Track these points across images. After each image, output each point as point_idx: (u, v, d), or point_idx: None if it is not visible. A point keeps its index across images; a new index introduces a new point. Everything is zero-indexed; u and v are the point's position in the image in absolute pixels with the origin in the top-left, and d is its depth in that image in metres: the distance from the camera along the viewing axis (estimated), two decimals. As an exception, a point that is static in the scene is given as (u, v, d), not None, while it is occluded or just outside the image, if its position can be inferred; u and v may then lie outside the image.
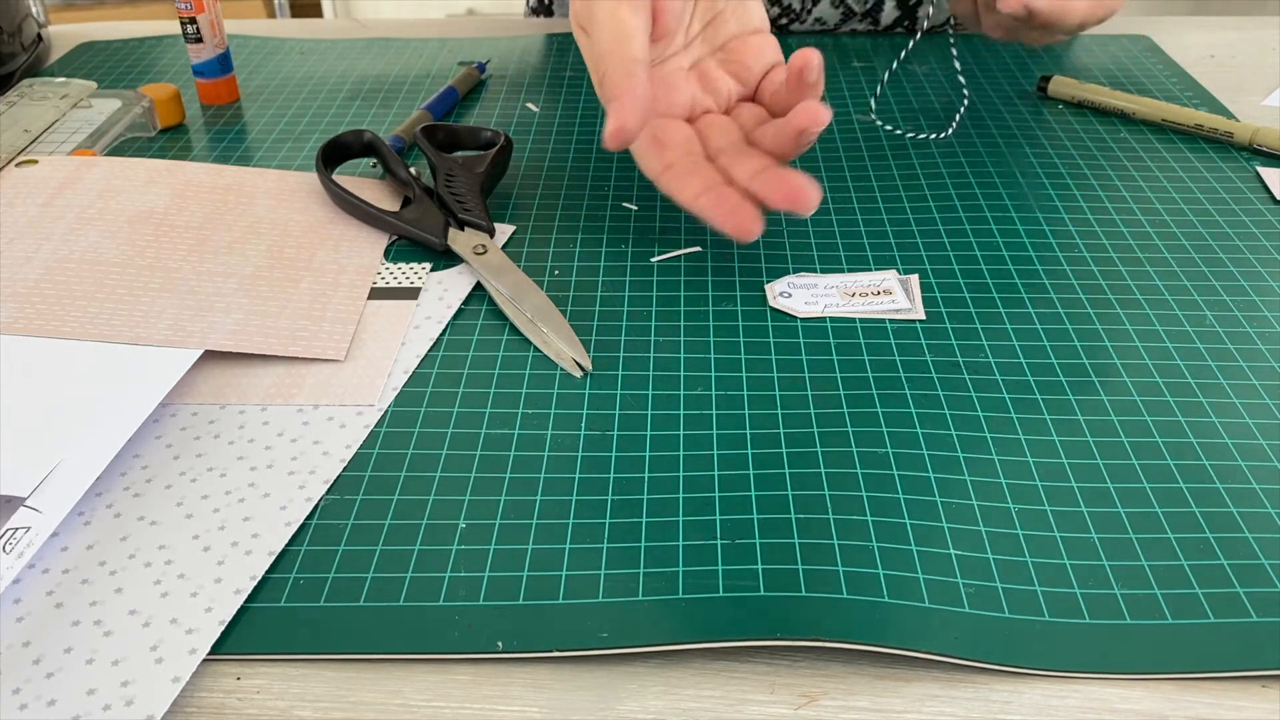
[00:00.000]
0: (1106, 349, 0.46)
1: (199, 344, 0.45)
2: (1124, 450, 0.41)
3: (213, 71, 0.69)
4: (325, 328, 0.47)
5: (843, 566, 0.35)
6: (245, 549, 0.37)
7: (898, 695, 0.32)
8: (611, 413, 0.43)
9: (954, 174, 0.60)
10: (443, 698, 0.32)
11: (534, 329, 0.47)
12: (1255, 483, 0.39)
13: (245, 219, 0.55)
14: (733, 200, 0.47)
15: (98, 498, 0.39)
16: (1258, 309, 0.49)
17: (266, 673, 0.33)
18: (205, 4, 0.67)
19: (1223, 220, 0.55)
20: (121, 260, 0.51)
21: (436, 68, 0.75)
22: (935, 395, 0.43)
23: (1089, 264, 0.52)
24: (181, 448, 0.41)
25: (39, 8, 0.79)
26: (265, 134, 0.65)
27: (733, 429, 0.42)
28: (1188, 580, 0.35)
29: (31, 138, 0.62)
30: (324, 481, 0.40)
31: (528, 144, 0.64)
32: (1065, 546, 0.36)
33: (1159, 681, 0.33)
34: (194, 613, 0.34)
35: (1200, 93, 0.70)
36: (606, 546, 0.37)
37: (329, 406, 0.43)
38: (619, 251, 0.53)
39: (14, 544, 0.35)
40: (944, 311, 0.48)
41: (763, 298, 0.49)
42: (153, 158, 0.61)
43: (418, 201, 0.55)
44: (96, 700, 0.32)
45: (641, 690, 0.33)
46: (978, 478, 0.39)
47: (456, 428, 0.42)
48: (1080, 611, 0.34)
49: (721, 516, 0.38)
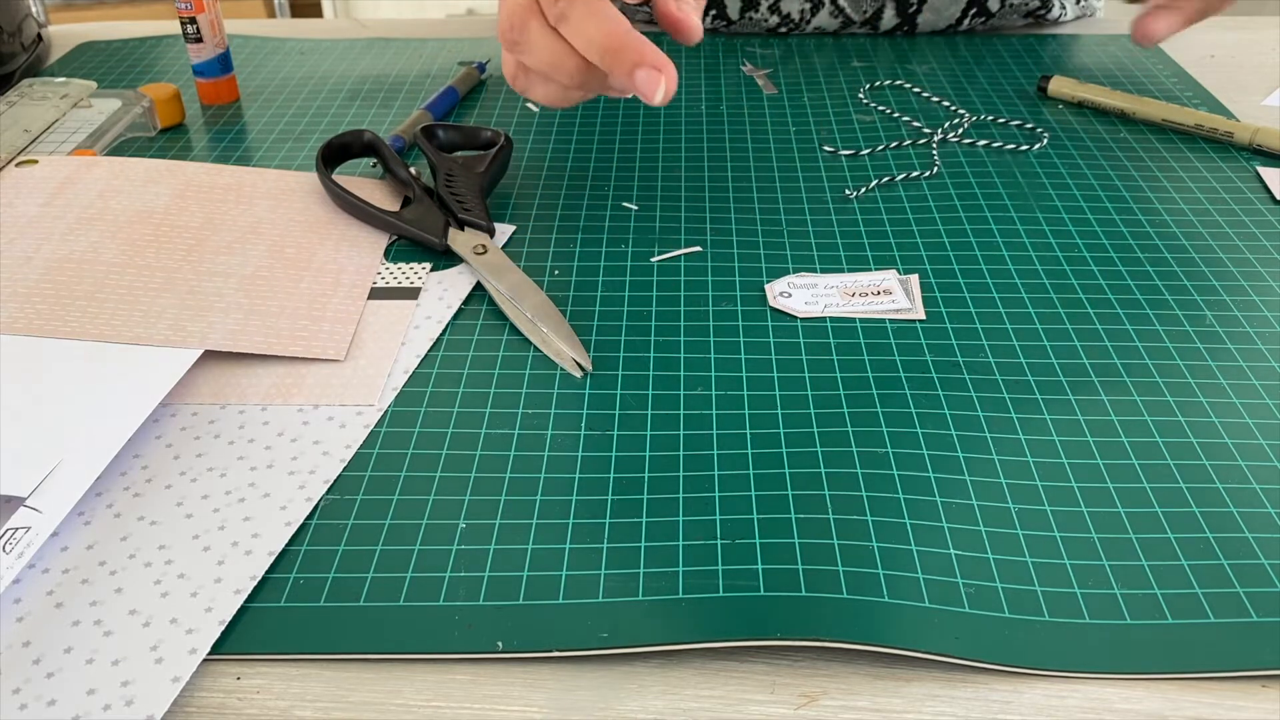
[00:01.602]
0: (1106, 349, 0.46)
1: (199, 344, 0.45)
2: (1124, 450, 0.41)
3: (213, 71, 0.69)
4: (325, 328, 0.47)
5: (843, 566, 0.35)
6: (245, 549, 0.37)
7: (898, 695, 0.32)
8: (611, 413, 0.43)
9: (954, 174, 0.60)
10: (443, 698, 0.32)
11: (534, 329, 0.47)
12: (1255, 483, 0.39)
13: (245, 219, 0.55)
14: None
15: (98, 498, 0.39)
16: (1258, 309, 0.49)
17: (266, 673, 0.33)
18: (205, 4, 0.67)
19: (1223, 220, 0.55)
20: (121, 260, 0.51)
21: (436, 68, 0.75)
22: (935, 395, 0.43)
23: (1089, 264, 0.52)
24: (181, 448, 0.41)
25: (39, 8, 0.79)
26: (265, 134, 0.65)
27: (733, 429, 0.42)
28: (1188, 580, 0.35)
29: (31, 138, 0.62)
30: (324, 481, 0.40)
31: (528, 144, 0.64)
32: (1065, 546, 0.36)
33: (1159, 681, 0.33)
34: (194, 613, 0.34)
35: (1200, 93, 0.70)
36: (606, 546, 0.37)
37: (329, 406, 0.43)
38: (619, 251, 0.53)
39: (14, 544, 0.35)
40: (944, 311, 0.48)
41: (763, 298, 0.49)
42: (153, 158, 0.61)
43: (418, 201, 0.55)
44: (96, 700, 0.32)
45: (641, 690, 0.33)
46: (978, 478, 0.39)
47: (456, 428, 0.42)
48: (1080, 611, 0.34)
49: (721, 516, 0.38)
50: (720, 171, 0.60)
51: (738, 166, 0.61)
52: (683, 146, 0.63)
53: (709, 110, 0.68)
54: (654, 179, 0.60)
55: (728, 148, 0.63)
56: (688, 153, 0.63)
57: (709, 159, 0.62)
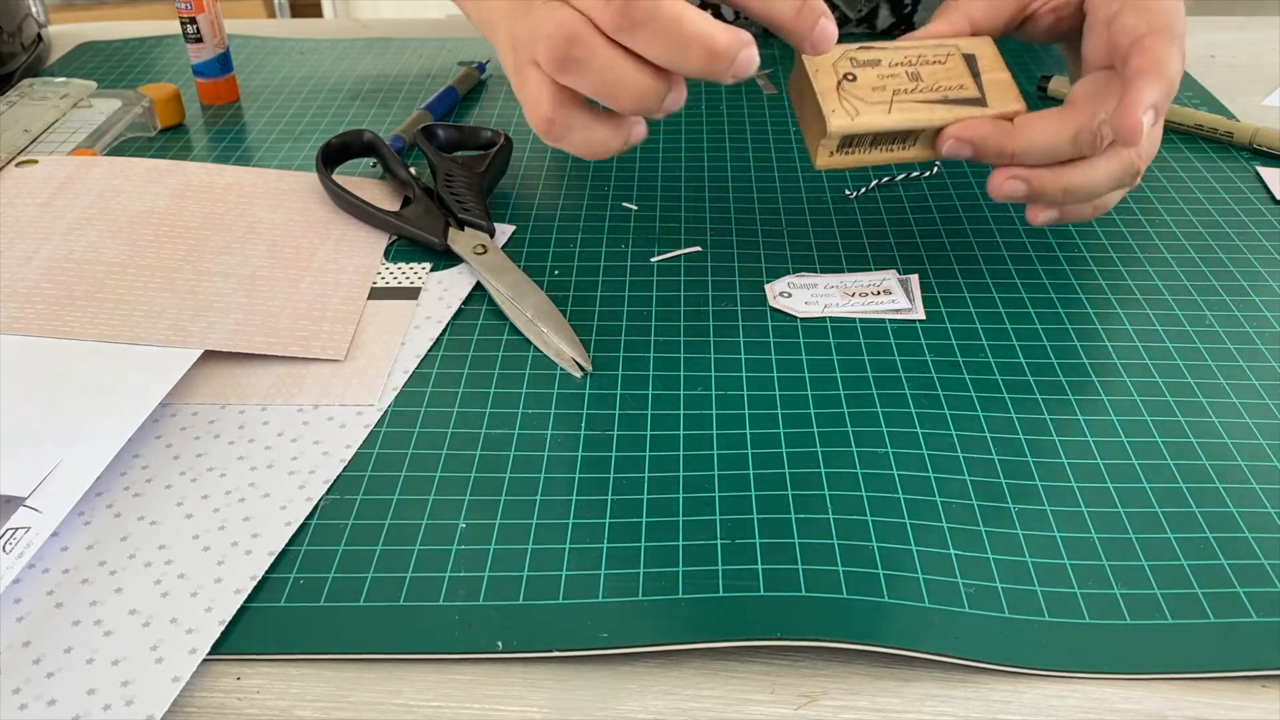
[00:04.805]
0: (1106, 349, 0.46)
1: (199, 344, 0.45)
2: (1124, 450, 0.41)
3: (213, 71, 0.69)
4: (325, 328, 0.47)
5: (843, 566, 0.35)
6: (245, 549, 0.37)
7: (898, 695, 0.32)
8: (611, 413, 0.43)
9: (954, 174, 0.60)
10: (443, 698, 0.32)
11: (534, 329, 0.47)
12: (1255, 483, 0.39)
13: (245, 219, 0.55)
14: None
15: (98, 498, 0.39)
16: (1258, 309, 0.49)
17: (266, 673, 0.33)
18: (205, 4, 0.67)
19: (1223, 220, 0.55)
20: (121, 260, 0.51)
21: (436, 68, 0.75)
22: (935, 395, 0.43)
23: (1089, 264, 0.52)
24: (181, 448, 0.41)
25: (39, 8, 0.79)
26: (265, 134, 0.65)
27: (733, 429, 0.42)
28: (1188, 580, 0.35)
29: (31, 138, 0.62)
30: (324, 481, 0.40)
31: (528, 144, 0.64)
32: (1065, 546, 0.36)
33: (1159, 681, 0.33)
34: (194, 613, 0.34)
35: (1200, 93, 0.70)
36: (606, 546, 0.37)
37: (329, 406, 0.43)
38: (619, 251, 0.53)
39: (14, 544, 0.35)
40: (944, 311, 0.48)
41: (763, 298, 0.49)
42: (153, 158, 0.61)
43: (418, 201, 0.55)
44: (96, 700, 0.32)
45: (641, 690, 0.33)
46: (978, 478, 0.39)
47: (456, 428, 0.42)
48: (1080, 611, 0.34)
49: (721, 516, 0.38)
50: (720, 171, 0.60)
51: (738, 166, 0.61)
52: (683, 146, 0.63)
53: (709, 110, 0.68)
54: (654, 179, 0.60)
55: (728, 148, 0.63)
56: (688, 153, 0.63)
57: (709, 159, 0.62)
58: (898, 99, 0.45)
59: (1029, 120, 0.45)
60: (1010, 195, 0.46)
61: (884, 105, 0.45)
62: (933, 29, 0.48)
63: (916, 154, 0.47)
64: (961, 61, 0.47)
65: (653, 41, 0.38)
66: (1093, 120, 0.44)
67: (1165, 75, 0.42)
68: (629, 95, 0.39)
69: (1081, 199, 0.46)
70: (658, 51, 0.38)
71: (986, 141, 0.45)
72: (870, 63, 0.46)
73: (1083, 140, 0.44)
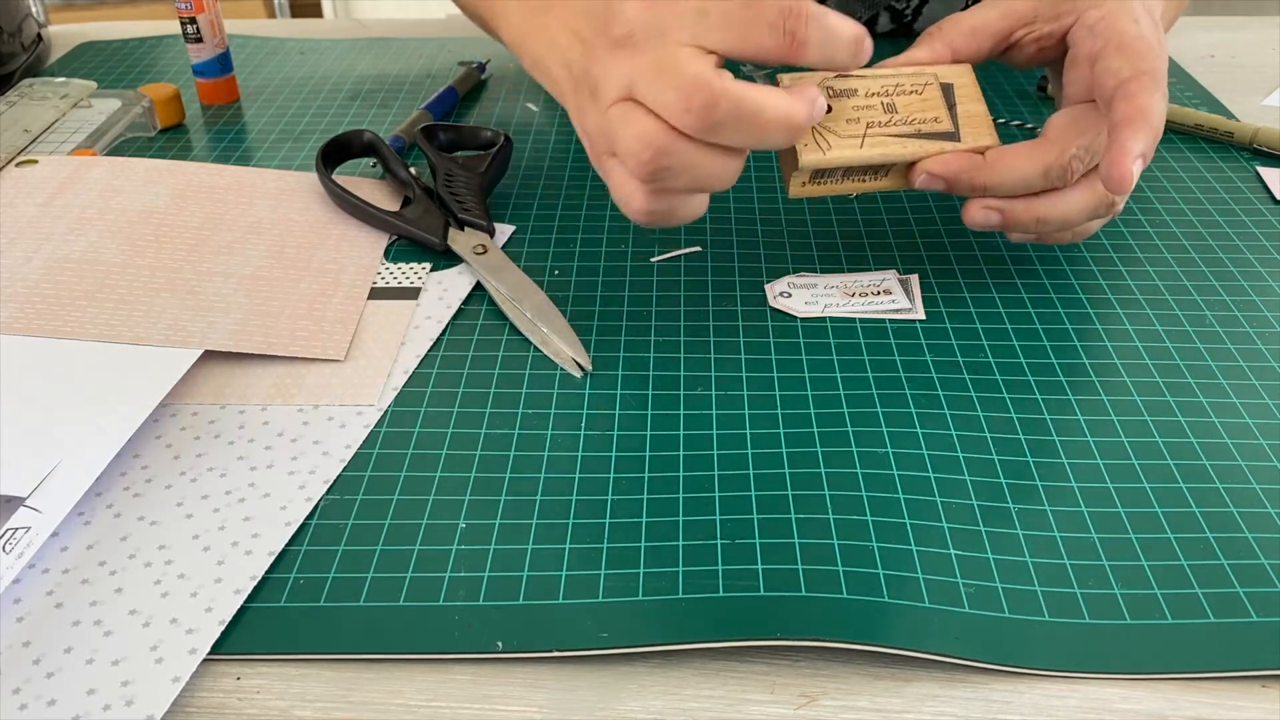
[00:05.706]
0: (1106, 349, 0.46)
1: (199, 344, 0.45)
2: (1124, 450, 0.41)
3: (213, 71, 0.69)
4: (325, 328, 0.47)
5: (843, 566, 0.35)
6: (245, 549, 0.37)
7: (898, 695, 0.32)
8: (611, 413, 0.43)
9: (954, 174, 0.60)
10: (443, 698, 0.32)
11: (534, 329, 0.47)
12: (1255, 483, 0.39)
13: (245, 219, 0.55)
14: None
15: (98, 498, 0.39)
16: (1258, 309, 0.49)
17: (266, 673, 0.33)
18: (205, 4, 0.67)
19: (1223, 220, 0.55)
20: (121, 260, 0.51)
21: (436, 68, 0.75)
22: (935, 395, 0.43)
23: (1089, 264, 0.52)
24: (181, 448, 0.41)
25: (39, 8, 0.79)
26: (265, 134, 0.65)
27: (733, 429, 0.42)
28: (1188, 580, 0.35)
29: (31, 138, 0.62)
30: (324, 481, 0.40)
31: (528, 144, 0.64)
32: (1065, 546, 0.36)
33: (1159, 681, 0.33)
34: (194, 613, 0.34)
35: (1200, 93, 0.70)
36: (606, 546, 0.37)
37: (329, 406, 0.43)
38: (619, 251, 0.53)
39: (14, 544, 0.35)
40: (944, 311, 0.48)
41: (763, 298, 0.49)
42: (153, 158, 0.61)
43: (418, 201, 0.55)
44: (96, 700, 0.32)
45: (641, 690, 0.33)
46: (978, 478, 0.39)
47: (456, 428, 0.42)
48: (1080, 611, 0.34)
49: (721, 516, 0.38)
50: (720, 171, 0.60)
51: (738, 166, 0.61)
52: (683, 146, 0.63)
53: (709, 110, 0.68)
54: (654, 179, 0.60)
55: (728, 148, 0.63)
56: (688, 153, 0.62)
57: (709, 159, 0.62)
58: (871, 132, 0.45)
59: (1001, 154, 0.46)
60: (985, 224, 0.47)
61: (856, 140, 0.45)
62: (914, 55, 0.49)
63: (890, 185, 0.47)
64: (939, 92, 0.47)
65: (736, 135, 0.39)
66: (1064, 155, 0.44)
67: (1151, 123, 0.42)
68: (718, 182, 0.41)
69: (1056, 229, 0.47)
70: (742, 140, 0.40)
71: (959, 177, 0.46)
72: (847, 92, 0.46)
73: (1053, 175, 0.45)
